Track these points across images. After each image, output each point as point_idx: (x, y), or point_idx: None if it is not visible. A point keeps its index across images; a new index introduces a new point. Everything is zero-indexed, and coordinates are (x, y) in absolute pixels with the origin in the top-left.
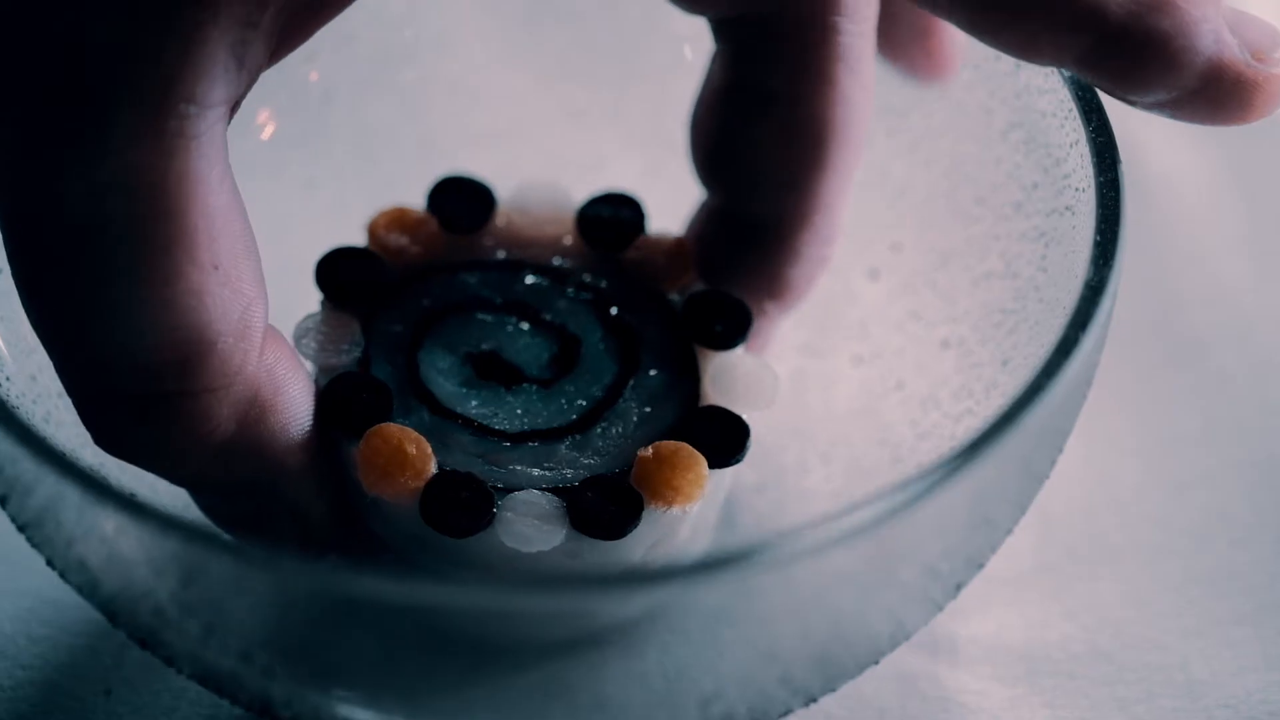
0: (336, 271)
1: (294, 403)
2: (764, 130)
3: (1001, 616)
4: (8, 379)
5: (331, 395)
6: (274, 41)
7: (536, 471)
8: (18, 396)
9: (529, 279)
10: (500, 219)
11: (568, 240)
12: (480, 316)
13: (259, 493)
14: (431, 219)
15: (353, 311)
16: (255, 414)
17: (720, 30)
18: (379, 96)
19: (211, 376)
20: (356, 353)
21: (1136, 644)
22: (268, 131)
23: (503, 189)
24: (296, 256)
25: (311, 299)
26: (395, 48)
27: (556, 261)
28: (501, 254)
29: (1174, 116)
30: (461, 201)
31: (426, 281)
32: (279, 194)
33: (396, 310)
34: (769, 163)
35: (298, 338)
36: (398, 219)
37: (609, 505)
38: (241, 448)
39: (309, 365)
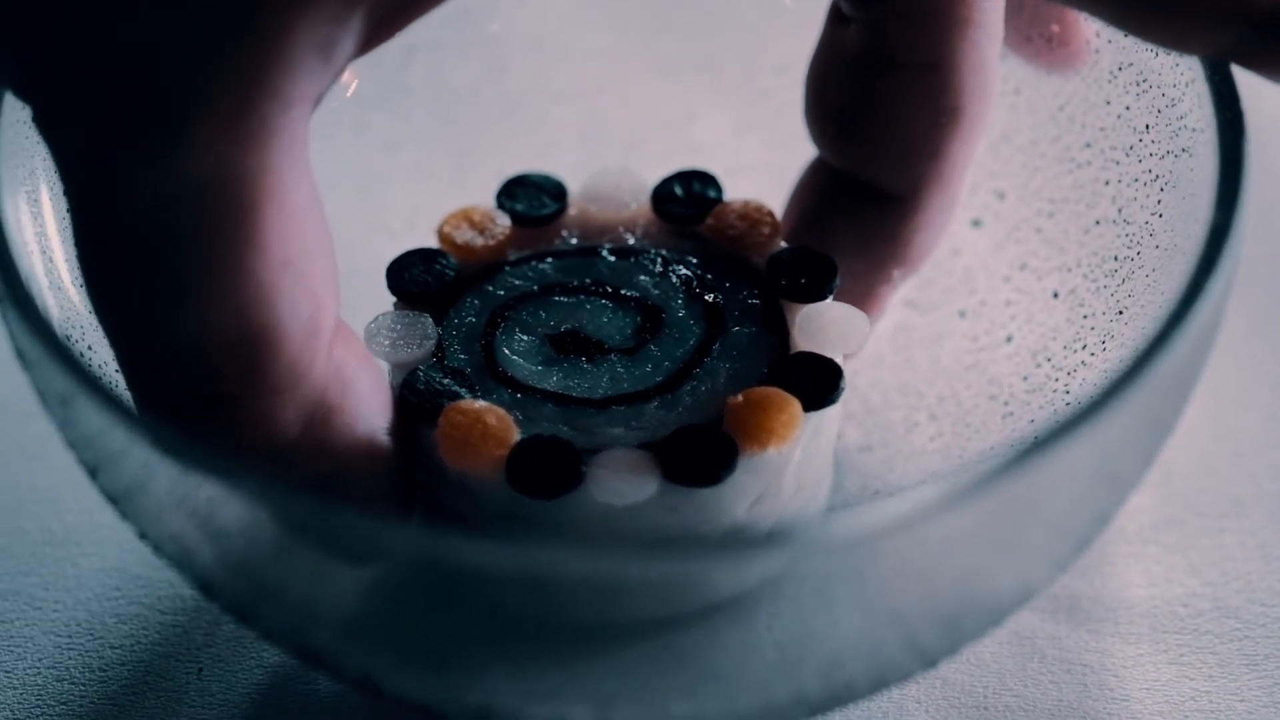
0: (407, 274)
1: (363, 401)
2: (904, 100)
3: (1123, 573)
4: (90, 348)
5: (408, 386)
6: (364, 37)
7: (624, 430)
8: (100, 367)
9: (607, 260)
10: (573, 209)
11: (643, 221)
12: (558, 299)
13: (327, 491)
14: (499, 214)
15: (426, 308)
16: (322, 414)
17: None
18: (461, 53)
19: (278, 377)
20: (429, 346)
21: (1264, 598)
22: (350, 90)
23: (588, 148)
24: (381, 218)
25: (392, 256)
26: (477, 2)
27: (633, 241)
28: (575, 240)
29: None
30: (533, 197)
31: (501, 272)
32: (360, 154)
33: (471, 302)
34: (907, 132)
35: (369, 337)
36: (466, 217)
37: (701, 451)
38: (307, 449)
39: (383, 363)
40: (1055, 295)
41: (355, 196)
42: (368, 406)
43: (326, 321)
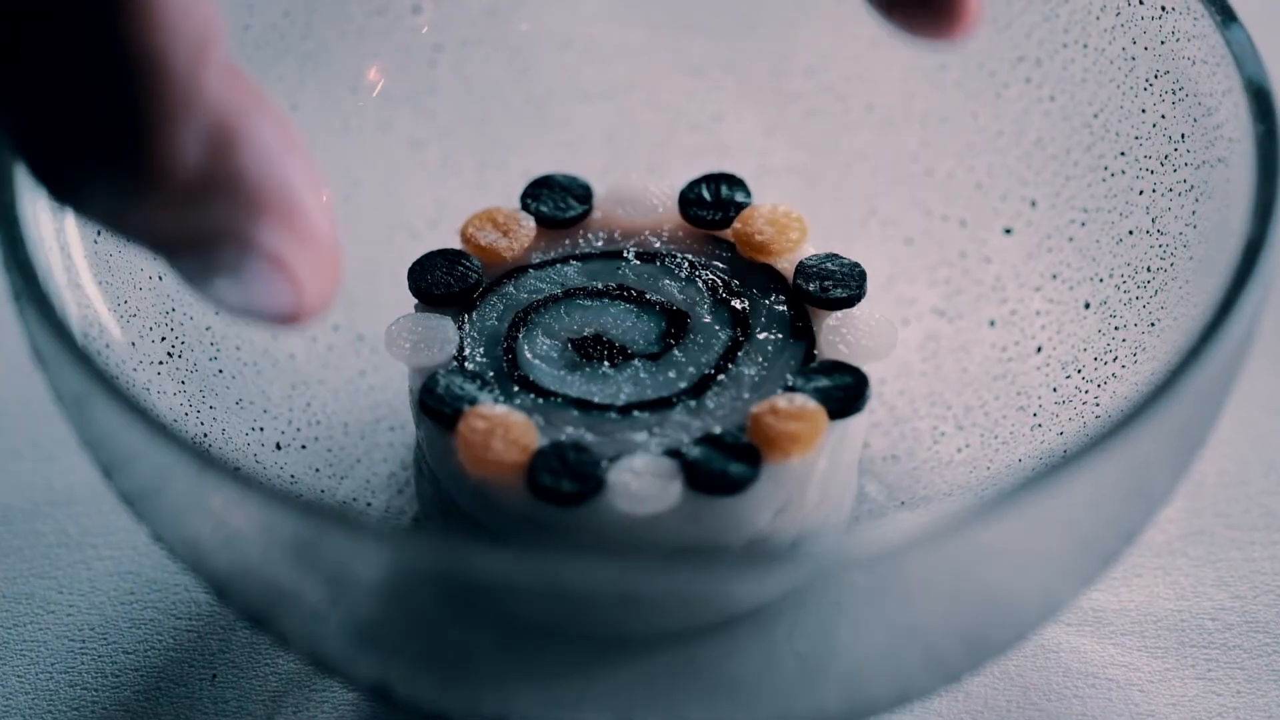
0: (429, 276)
1: (264, 133)
2: None
3: (1151, 585)
4: (108, 346)
5: (428, 390)
6: None
7: (647, 437)
8: (119, 365)
9: (632, 263)
10: (599, 211)
11: (670, 224)
12: (582, 303)
13: (231, 243)
14: (524, 215)
15: (447, 311)
16: (221, 142)
17: None
18: (488, 51)
19: (168, 101)
20: (450, 350)
21: None
22: (377, 90)
23: (615, 149)
24: (404, 218)
25: (415, 256)
26: (505, 1)
27: (659, 245)
28: (600, 243)
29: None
30: (558, 198)
31: (525, 275)
32: (384, 152)
33: (494, 305)
34: None
35: (390, 340)
36: (489, 218)
37: (725, 460)
38: (212, 185)
39: (403, 365)
40: (1087, 306)
41: (379, 195)
42: (273, 141)
43: (214, 47)
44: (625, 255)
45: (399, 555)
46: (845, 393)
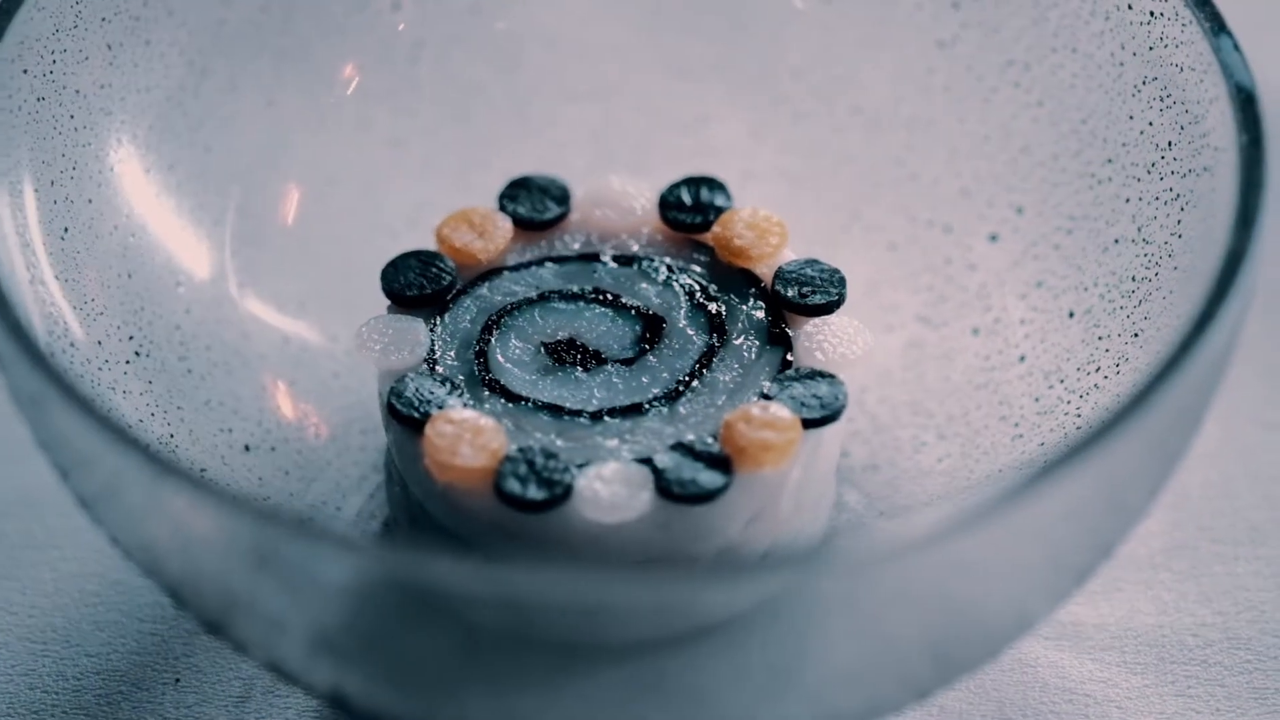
0: (402, 277)
1: None
2: None
3: (1132, 600)
4: (73, 345)
5: (396, 393)
6: None
7: (618, 444)
8: (83, 364)
9: (609, 266)
10: (577, 214)
11: (649, 227)
12: (557, 305)
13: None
14: (500, 216)
15: (420, 312)
16: None
17: None
18: (471, 49)
19: None
20: (421, 352)
21: (1277, 629)
22: (352, 86)
23: (599, 150)
24: (382, 218)
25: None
26: None
27: (636, 248)
28: (578, 245)
29: None
30: (536, 200)
31: (499, 277)
32: (363, 151)
33: (468, 307)
34: None
35: (359, 343)
36: (465, 218)
37: (696, 468)
38: None
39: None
40: (1071, 315)
41: (357, 194)
42: None
43: None
44: (602, 258)
45: (354, 563)
46: (821, 401)
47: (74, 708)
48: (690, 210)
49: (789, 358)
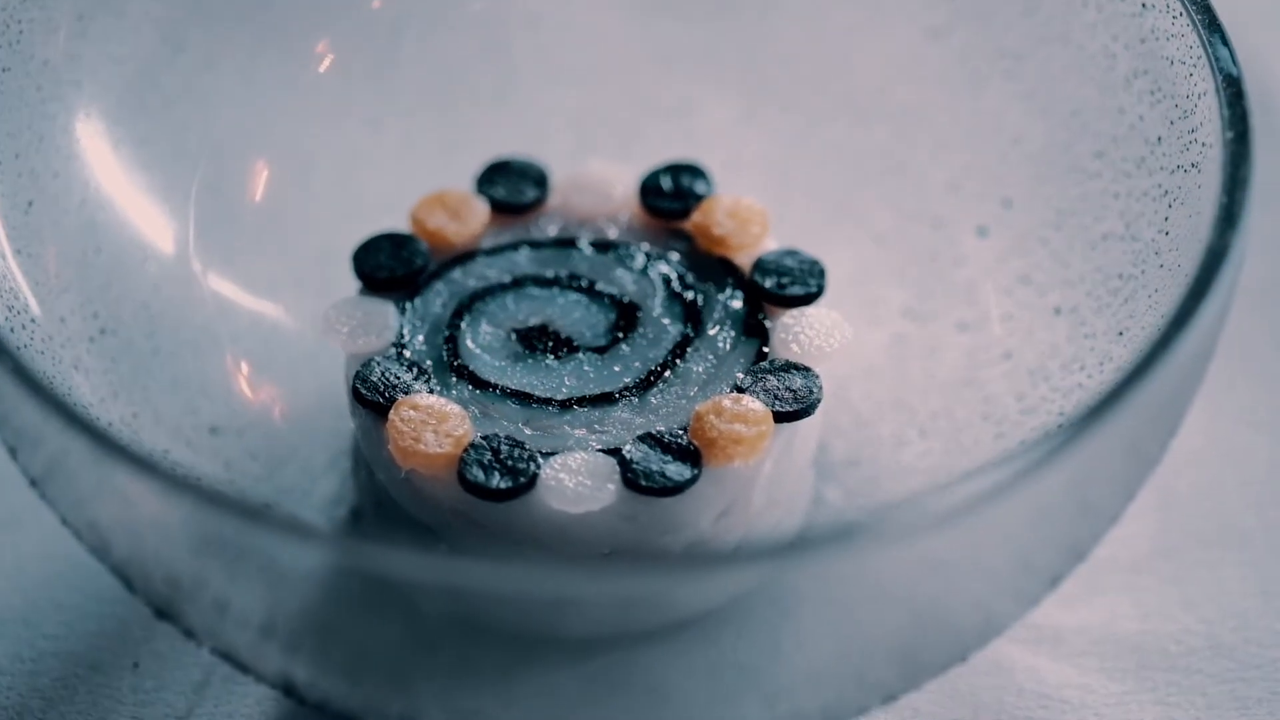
0: (373, 260)
1: None
2: None
3: (1113, 604)
4: (33, 321)
5: (361, 377)
6: None
7: (586, 433)
8: (43, 341)
9: (586, 252)
10: (556, 198)
11: (628, 213)
12: (531, 291)
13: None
14: (477, 199)
15: (391, 295)
16: None
17: None
18: (453, 28)
19: None
20: (389, 336)
21: (1261, 638)
22: (325, 63)
23: (582, 134)
24: (359, 200)
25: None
26: None
27: (614, 234)
28: (554, 230)
29: None
30: (514, 183)
31: (474, 261)
32: (340, 131)
33: (440, 291)
34: None
35: (326, 325)
36: (440, 201)
37: (663, 460)
38: None
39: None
40: (1057, 312)
41: (333, 175)
42: None
43: None
44: (579, 244)
45: (300, 548)
46: (795, 395)
47: (29, 690)
48: (671, 197)
49: (765, 349)
